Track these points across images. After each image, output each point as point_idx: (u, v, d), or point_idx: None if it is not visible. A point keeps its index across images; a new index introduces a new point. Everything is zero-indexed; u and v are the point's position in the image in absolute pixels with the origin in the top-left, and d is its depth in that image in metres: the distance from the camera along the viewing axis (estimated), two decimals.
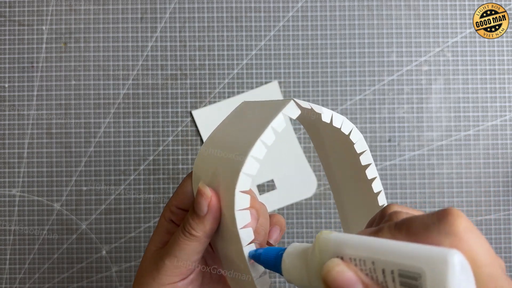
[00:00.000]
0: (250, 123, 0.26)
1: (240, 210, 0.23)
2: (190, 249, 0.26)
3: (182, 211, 0.28)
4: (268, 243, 0.30)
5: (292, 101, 0.24)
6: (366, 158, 0.27)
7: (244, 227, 0.23)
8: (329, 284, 0.18)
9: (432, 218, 0.18)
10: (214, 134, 0.28)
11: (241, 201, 0.23)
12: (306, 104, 0.24)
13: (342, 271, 0.18)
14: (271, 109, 0.25)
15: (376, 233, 0.20)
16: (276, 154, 0.50)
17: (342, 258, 0.19)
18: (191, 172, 0.28)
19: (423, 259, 0.16)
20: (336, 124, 0.25)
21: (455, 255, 0.16)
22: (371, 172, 0.27)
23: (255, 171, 0.23)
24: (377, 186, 0.27)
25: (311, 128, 0.32)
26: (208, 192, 0.25)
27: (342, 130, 0.25)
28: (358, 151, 0.26)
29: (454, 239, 0.17)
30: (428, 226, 0.18)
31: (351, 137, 0.26)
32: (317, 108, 0.25)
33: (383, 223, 0.22)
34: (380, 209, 0.24)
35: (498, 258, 0.18)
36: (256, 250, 0.24)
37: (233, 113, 0.29)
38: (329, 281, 0.18)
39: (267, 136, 0.23)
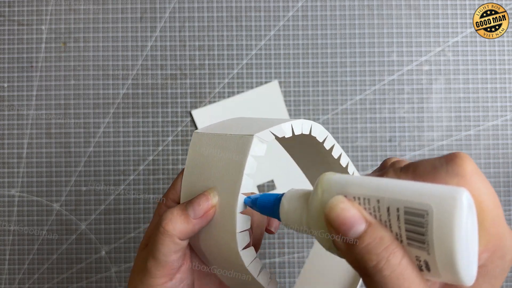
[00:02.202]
0: (216, 169, 0.24)
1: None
2: (168, 248, 0.24)
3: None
4: (269, 230, 0.29)
5: (254, 138, 0.23)
6: (328, 143, 0.27)
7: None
8: (332, 221, 0.18)
9: (440, 160, 0.18)
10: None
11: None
12: (267, 135, 0.24)
13: (346, 208, 0.18)
14: (235, 152, 0.24)
15: (381, 176, 0.19)
16: (276, 154, 0.50)
17: (346, 197, 0.18)
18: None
19: (431, 196, 0.16)
20: (298, 131, 0.25)
21: (464, 193, 0.16)
22: (336, 151, 0.27)
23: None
24: (344, 160, 0.28)
25: (282, 142, 0.32)
26: (215, 201, 0.23)
27: (303, 132, 0.25)
28: (320, 140, 0.26)
29: (461, 180, 0.17)
30: (436, 167, 0.18)
31: (312, 133, 0.25)
32: (277, 129, 0.24)
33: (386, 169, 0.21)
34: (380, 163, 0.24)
35: (500, 204, 0.18)
36: (251, 197, 0.23)
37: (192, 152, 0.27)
38: (331, 218, 0.18)
39: (250, 168, 0.23)
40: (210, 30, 0.51)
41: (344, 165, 0.28)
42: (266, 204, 0.22)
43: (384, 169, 0.21)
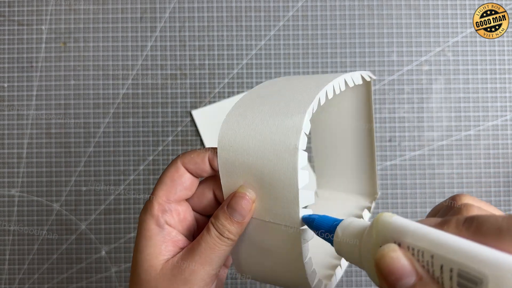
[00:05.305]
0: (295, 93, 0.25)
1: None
2: (225, 254, 0.25)
3: (177, 206, 0.26)
4: None
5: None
6: None
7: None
8: (382, 269, 0.17)
9: (508, 221, 0.16)
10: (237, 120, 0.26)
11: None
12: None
13: (398, 257, 0.17)
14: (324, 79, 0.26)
15: (441, 225, 0.18)
16: None
17: (399, 245, 0.18)
18: (179, 155, 0.27)
19: (489, 264, 0.15)
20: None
21: None
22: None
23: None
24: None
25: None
26: (253, 196, 0.24)
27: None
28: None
29: None
30: (502, 230, 0.16)
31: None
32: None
33: (450, 214, 0.20)
34: (449, 197, 0.23)
35: None
36: (310, 215, 0.23)
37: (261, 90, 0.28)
38: (382, 266, 0.17)
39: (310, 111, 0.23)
40: (210, 30, 0.51)
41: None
42: (322, 228, 0.23)
43: (450, 214, 0.20)
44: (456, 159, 0.50)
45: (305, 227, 0.23)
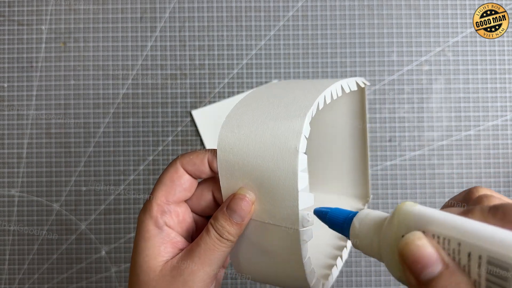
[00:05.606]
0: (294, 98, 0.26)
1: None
2: (225, 255, 0.25)
3: (176, 207, 0.26)
4: None
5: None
6: None
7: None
8: (406, 258, 0.17)
9: None
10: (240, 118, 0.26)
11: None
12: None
13: (423, 245, 0.17)
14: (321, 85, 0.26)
15: (465, 214, 0.18)
16: None
17: (423, 233, 0.17)
18: (179, 156, 0.27)
19: None
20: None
21: None
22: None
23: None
24: None
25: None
26: (253, 197, 0.24)
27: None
28: None
29: None
30: None
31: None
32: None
33: (471, 204, 0.20)
34: (462, 191, 0.23)
35: None
36: (322, 208, 0.23)
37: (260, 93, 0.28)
38: (406, 254, 0.17)
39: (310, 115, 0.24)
40: (210, 30, 0.51)
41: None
42: (336, 221, 0.22)
43: (470, 205, 0.20)
44: (456, 159, 0.50)
45: (305, 228, 0.23)
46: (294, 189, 0.23)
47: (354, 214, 0.22)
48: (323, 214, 0.23)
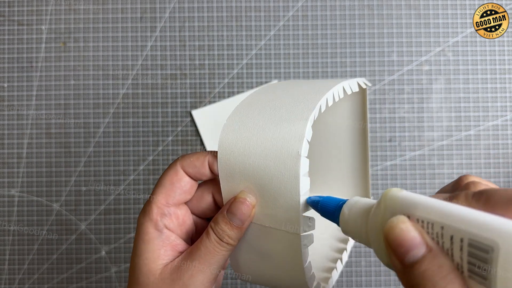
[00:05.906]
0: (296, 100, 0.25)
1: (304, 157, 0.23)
2: (225, 258, 0.25)
3: (176, 209, 0.26)
4: None
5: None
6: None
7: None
8: (390, 242, 0.17)
9: None
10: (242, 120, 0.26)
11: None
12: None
13: (407, 229, 0.17)
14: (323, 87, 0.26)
15: (450, 199, 0.18)
16: None
17: (408, 217, 0.18)
18: (178, 158, 0.27)
19: (500, 232, 0.15)
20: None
21: None
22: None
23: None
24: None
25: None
26: (254, 201, 0.24)
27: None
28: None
29: None
30: (511, 201, 0.17)
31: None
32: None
33: (458, 191, 0.20)
34: (455, 179, 0.23)
35: None
36: (313, 197, 0.23)
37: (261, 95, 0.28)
38: (390, 238, 0.17)
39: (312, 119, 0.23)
40: (210, 30, 0.51)
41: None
42: (327, 209, 0.23)
43: (457, 190, 0.20)
44: (456, 159, 0.50)
45: (306, 232, 0.23)
46: (295, 193, 0.22)
47: (344, 201, 0.22)
48: (315, 203, 0.23)
